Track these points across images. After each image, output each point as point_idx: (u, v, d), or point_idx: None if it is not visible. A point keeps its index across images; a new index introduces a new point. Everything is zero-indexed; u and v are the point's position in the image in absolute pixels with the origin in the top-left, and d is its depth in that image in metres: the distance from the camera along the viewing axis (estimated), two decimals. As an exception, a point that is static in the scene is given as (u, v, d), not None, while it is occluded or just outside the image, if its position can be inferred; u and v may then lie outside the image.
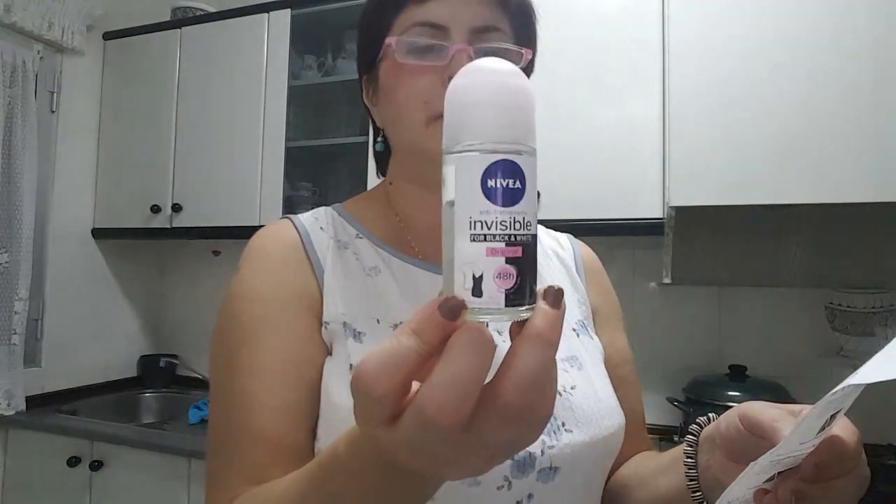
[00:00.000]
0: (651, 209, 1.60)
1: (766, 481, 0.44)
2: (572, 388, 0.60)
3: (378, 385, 0.28)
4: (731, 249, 1.82)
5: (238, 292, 0.59)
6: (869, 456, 0.46)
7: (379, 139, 0.67)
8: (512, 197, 0.28)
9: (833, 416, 0.41)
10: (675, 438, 1.69)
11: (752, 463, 0.41)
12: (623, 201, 1.63)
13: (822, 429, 0.41)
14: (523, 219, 0.29)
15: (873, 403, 1.62)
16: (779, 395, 1.59)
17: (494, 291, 0.28)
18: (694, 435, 0.54)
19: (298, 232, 0.63)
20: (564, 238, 0.78)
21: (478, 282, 0.28)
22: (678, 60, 1.53)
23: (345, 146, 2.04)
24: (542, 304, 0.29)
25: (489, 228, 0.28)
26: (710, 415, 0.54)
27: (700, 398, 1.64)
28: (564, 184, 1.68)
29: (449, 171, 0.30)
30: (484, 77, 0.30)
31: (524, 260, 0.28)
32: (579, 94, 1.67)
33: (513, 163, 0.29)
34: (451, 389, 0.27)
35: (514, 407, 0.28)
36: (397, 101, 0.60)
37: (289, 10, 2.06)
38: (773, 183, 1.44)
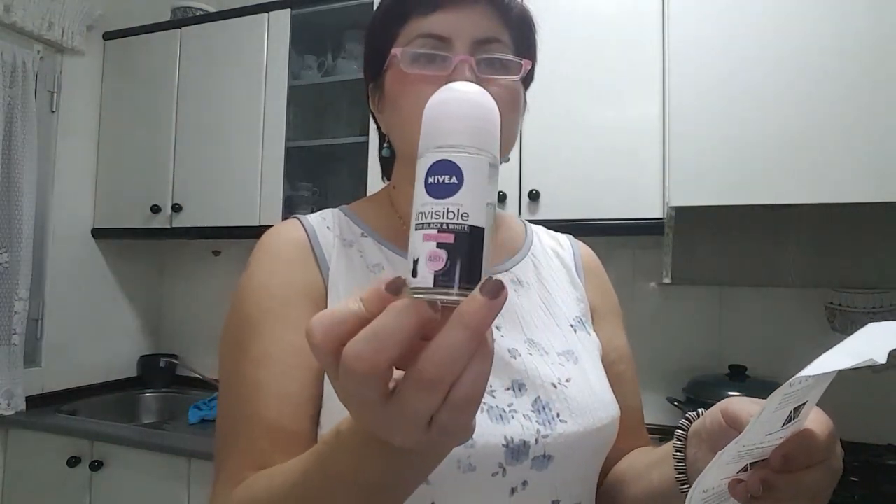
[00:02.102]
0: (651, 209, 1.60)
1: (741, 472, 0.46)
2: (567, 381, 0.62)
3: (313, 336, 0.31)
4: (731, 249, 1.82)
5: (247, 287, 0.62)
6: (869, 456, 0.47)
7: (385, 145, 0.70)
8: (446, 190, 0.32)
9: (798, 409, 0.42)
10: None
11: (719, 453, 0.43)
12: (623, 201, 1.63)
13: (789, 420, 0.43)
14: (458, 210, 0.31)
15: (873, 403, 1.62)
16: (779, 395, 1.59)
17: (426, 272, 0.31)
18: (683, 430, 0.56)
19: (306, 231, 0.66)
20: (564, 238, 0.80)
21: (415, 264, 0.31)
22: (678, 60, 1.53)
23: (345, 146, 2.04)
24: (475, 292, 0.30)
25: (426, 218, 0.32)
26: (699, 410, 0.55)
27: (700, 398, 1.64)
28: (565, 184, 1.68)
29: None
30: (447, 95, 0.34)
31: (455, 247, 0.31)
32: (579, 95, 1.68)
33: (449, 161, 0.32)
34: (367, 341, 0.30)
35: (426, 376, 0.30)
36: (401, 109, 0.62)
37: (289, 10, 2.06)
38: (773, 183, 1.44)
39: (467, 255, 0.31)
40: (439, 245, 0.31)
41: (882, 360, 0.37)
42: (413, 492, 0.43)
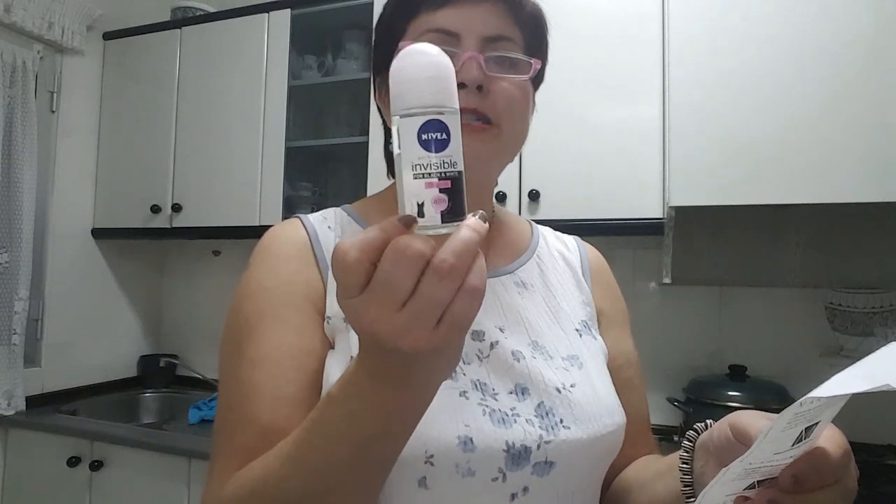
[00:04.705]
0: (651, 209, 1.60)
1: (748, 488, 0.44)
2: (572, 386, 0.61)
3: (349, 255, 0.36)
4: (731, 249, 1.82)
5: (247, 287, 0.62)
6: (869, 456, 0.46)
7: (391, 140, 0.69)
8: (440, 145, 0.38)
9: (810, 428, 0.41)
10: (675, 438, 1.69)
11: (723, 469, 0.42)
12: (623, 201, 1.63)
13: (800, 440, 0.41)
14: (450, 160, 0.38)
15: (873, 404, 1.62)
16: (779, 395, 1.59)
17: (433, 213, 0.38)
18: (690, 441, 0.54)
19: (307, 231, 0.65)
20: (571, 240, 0.79)
21: (420, 207, 0.38)
22: (678, 60, 1.53)
23: (345, 146, 2.04)
24: (470, 216, 0.38)
25: (425, 168, 0.38)
26: (708, 421, 0.54)
27: (700, 398, 1.64)
28: (565, 184, 1.68)
29: (395, 130, 0.39)
30: (414, 58, 0.39)
31: (452, 190, 0.38)
32: (579, 94, 1.67)
33: (438, 121, 0.38)
34: (413, 236, 0.36)
35: (444, 264, 0.35)
36: None
37: (289, 10, 2.06)
38: (773, 183, 1.44)
39: (460, 194, 0.39)
40: (441, 190, 0.38)
41: None
42: (404, 445, 0.45)
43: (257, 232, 0.67)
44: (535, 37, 0.65)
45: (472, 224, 0.37)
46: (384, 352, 0.38)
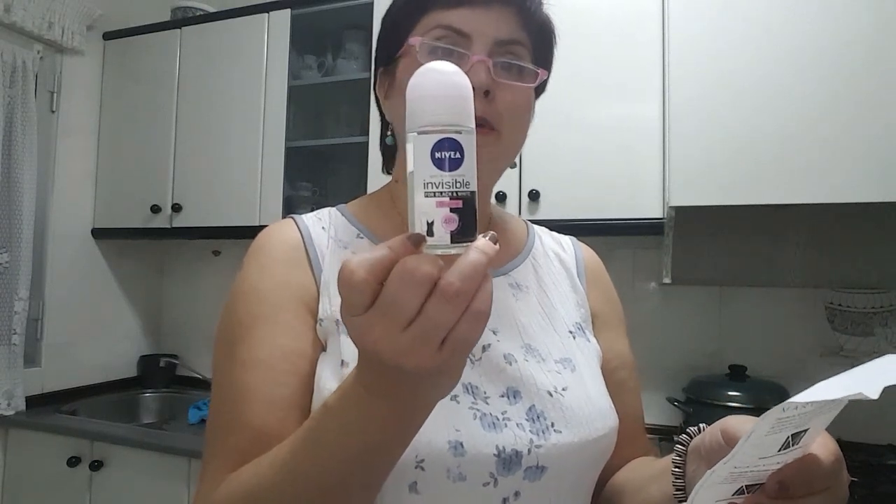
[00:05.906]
0: (651, 209, 1.60)
1: (737, 493, 0.44)
2: (563, 390, 0.61)
3: (356, 274, 0.36)
4: (731, 249, 1.82)
5: (240, 289, 0.61)
6: (869, 456, 0.46)
7: (388, 133, 0.69)
8: (454, 164, 0.38)
9: (798, 435, 0.41)
10: (675, 438, 1.69)
11: (708, 472, 0.42)
12: (623, 201, 1.63)
13: (787, 446, 0.41)
14: (462, 179, 0.38)
15: (874, 404, 1.62)
16: (779, 395, 1.59)
17: (442, 233, 0.37)
18: (683, 445, 0.55)
19: (300, 231, 0.65)
20: (567, 240, 0.79)
21: (430, 226, 0.37)
22: (678, 60, 1.53)
23: (345, 146, 2.04)
24: (480, 237, 0.38)
25: (437, 187, 0.37)
26: (701, 425, 0.54)
27: (700, 398, 1.64)
28: (565, 184, 1.68)
29: (409, 148, 0.39)
30: (431, 76, 0.39)
31: (464, 210, 0.38)
32: (579, 94, 1.67)
33: (453, 139, 0.38)
34: (419, 257, 0.36)
35: (451, 287, 0.35)
36: None
37: (289, 10, 2.06)
38: (773, 183, 1.44)
39: (471, 214, 0.38)
40: (452, 210, 0.37)
41: (874, 395, 0.35)
42: (400, 456, 0.44)
43: (257, 232, 0.67)
44: (542, 46, 0.65)
45: (481, 246, 0.36)
46: (386, 369, 0.38)
